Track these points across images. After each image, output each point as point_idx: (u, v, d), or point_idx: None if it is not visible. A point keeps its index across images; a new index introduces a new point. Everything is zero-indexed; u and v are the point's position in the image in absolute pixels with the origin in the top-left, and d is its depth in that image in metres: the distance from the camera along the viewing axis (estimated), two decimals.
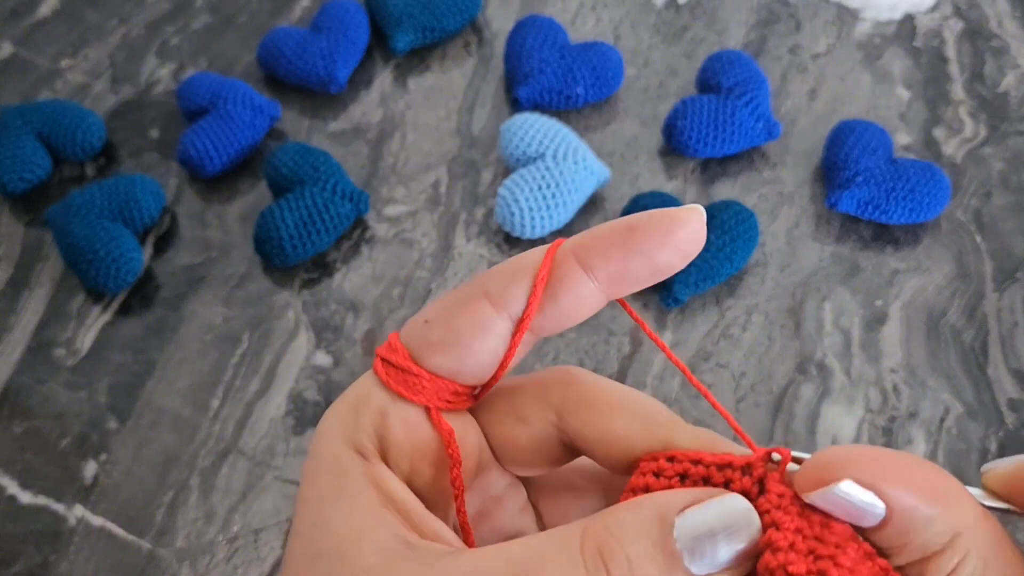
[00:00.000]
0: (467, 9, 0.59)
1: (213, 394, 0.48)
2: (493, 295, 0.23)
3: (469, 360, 0.23)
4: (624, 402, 0.24)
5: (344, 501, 0.22)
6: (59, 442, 0.47)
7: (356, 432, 0.23)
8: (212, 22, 0.62)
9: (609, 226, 0.23)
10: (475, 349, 0.23)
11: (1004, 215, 0.54)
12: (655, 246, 0.22)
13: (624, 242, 0.22)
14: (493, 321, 0.23)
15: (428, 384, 0.23)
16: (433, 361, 0.23)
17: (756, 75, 0.55)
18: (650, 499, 0.21)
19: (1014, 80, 0.59)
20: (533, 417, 0.25)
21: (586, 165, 0.52)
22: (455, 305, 0.23)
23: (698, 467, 0.22)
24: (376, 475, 0.22)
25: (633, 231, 0.22)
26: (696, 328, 0.50)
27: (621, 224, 0.23)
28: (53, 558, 0.44)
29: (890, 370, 0.49)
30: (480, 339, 0.23)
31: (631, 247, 0.22)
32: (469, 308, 0.23)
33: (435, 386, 0.23)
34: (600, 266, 0.23)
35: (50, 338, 0.50)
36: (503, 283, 0.23)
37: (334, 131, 0.57)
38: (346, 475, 0.22)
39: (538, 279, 0.23)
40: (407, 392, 0.23)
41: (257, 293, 0.51)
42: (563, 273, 0.23)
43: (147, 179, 0.53)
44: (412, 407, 0.23)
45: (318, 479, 0.22)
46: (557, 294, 0.23)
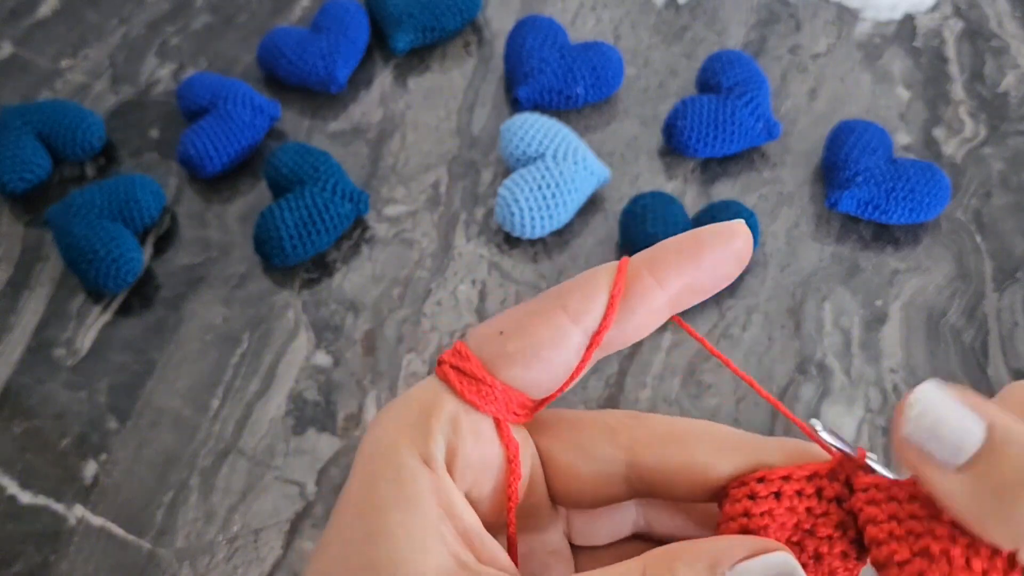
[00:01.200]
0: (467, 9, 0.59)
1: (213, 394, 0.48)
2: (570, 308, 0.23)
3: (545, 372, 0.23)
4: (700, 432, 0.24)
5: (405, 513, 0.21)
6: (59, 442, 0.47)
7: (426, 439, 0.22)
8: (212, 22, 0.62)
9: (676, 242, 0.24)
10: (552, 361, 0.23)
11: (1004, 215, 0.54)
12: (722, 257, 0.23)
13: (695, 255, 0.23)
14: (570, 334, 0.23)
15: (500, 395, 0.23)
16: (510, 372, 0.23)
17: (756, 75, 0.55)
18: (702, 549, 0.21)
19: (1014, 80, 0.59)
20: (598, 452, 0.25)
21: (586, 165, 0.52)
22: (532, 317, 0.23)
23: (789, 483, 0.22)
24: (441, 488, 0.22)
25: (701, 245, 0.23)
26: (696, 328, 0.50)
27: (687, 239, 0.24)
28: (53, 558, 0.44)
29: (890, 370, 0.49)
30: (557, 351, 0.23)
31: (702, 259, 0.23)
32: (547, 320, 0.23)
33: (506, 397, 0.23)
34: (673, 279, 0.23)
35: (50, 338, 0.50)
36: (580, 296, 0.23)
37: (334, 131, 0.57)
38: (411, 485, 0.22)
39: (613, 295, 0.23)
40: (480, 402, 0.23)
41: (257, 293, 0.51)
42: (638, 287, 0.23)
43: (147, 179, 0.53)
44: (482, 417, 0.23)
45: (377, 484, 0.22)
46: (633, 307, 0.23)
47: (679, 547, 0.21)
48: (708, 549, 0.21)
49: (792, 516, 0.22)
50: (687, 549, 0.21)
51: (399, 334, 0.50)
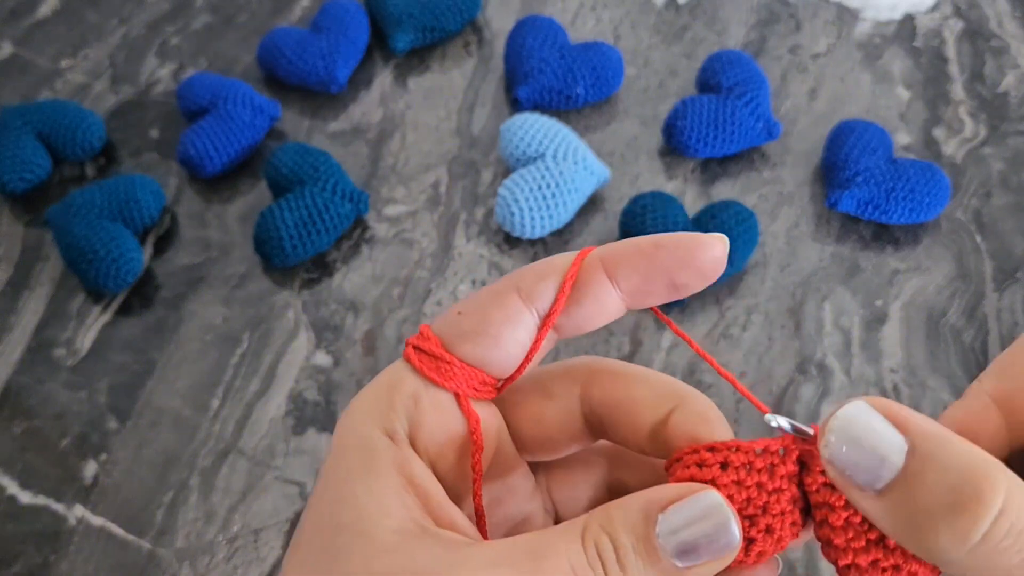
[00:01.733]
0: (467, 9, 0.59)
1: (213, 394, 0.48)
2: (523, 290, 0.24)
3: (498, 349, 0.24)
4: (645, 373, 0.26)
5: (369, 479, 0.23)
6: (59, 442, 0.47)
7: (388, 414, 0.24)
8: (212, 22, 0.62)
9: (637, 241, 0.24)
10: (504, 339, 0.24)
11: (1004, 215, 0.54)
12: (678, 265, 0.24)
13: (650, 258, 0.24)
14: (522, 314, 0.24)
15: (459, 371, 0.24)
16: (465, 348, 0.24)
17: (756, 75, 0.55)
18: (638, 496, 0.22)
19: (1014, 80, 0.59)
20: (558, 390, 0.26)
21: (586, 165, 0.52)
22: (487, 297, 0.24)
23: (738, 454, 0.23)
24: (402, 459, 0.23)
25: (659, 248, 0.24)
26: (696, 328, 0.50)
27: (648, 240, 0.24)
28: (53, 558, 0.44)
29: (890, 370, 0.49)
30: (509, 329, 0.24)
31: (656, 263, 0.24)
32: (501, 300, 0.24)
33: (465, 374, 0.24)
34: (625, 277, 0.24)
35: (50, 338, 0.50)
36: (533, 280, 0.24)
37: (334, 131, 0.57)
38: (373, 455, 0.23)
39: (566, 279, 0.24)
40: (439, 378, 0.24)
41: (257, 293, 0.51)
42: (590, 278, 0.24)
43: (147, 179, 0.53)
44: (443, 393, 0.24)
45: (345, 456, 0.23)
46: (582, 298, 0.24)
47: (616, 500, 0.22)
48: (640, 496, 0.22)
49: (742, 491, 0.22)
50: (623, 500, 0.22)
51: (399, 334, 0.50)
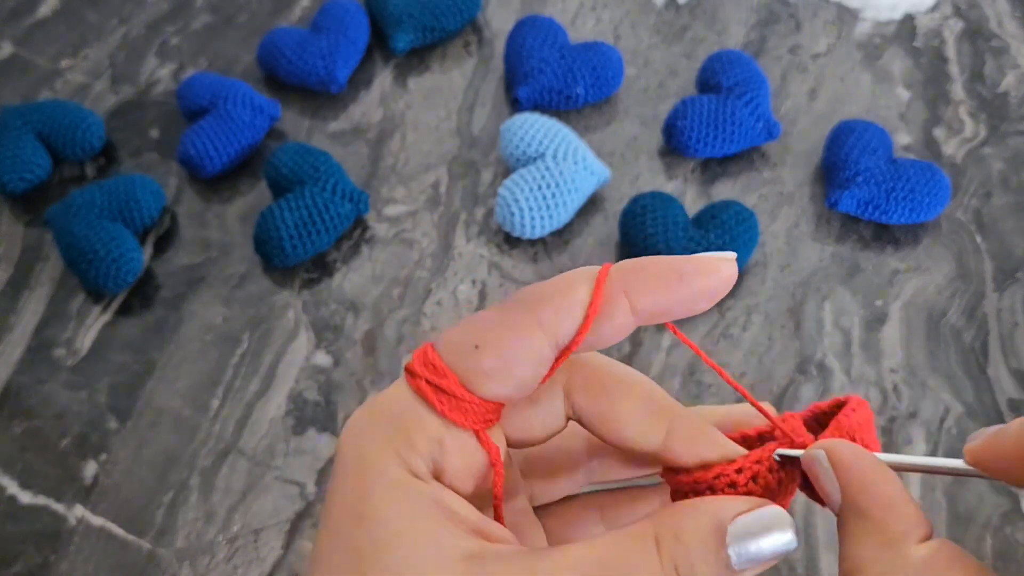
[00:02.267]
0: (467, 9, 0.59)
1: (213, 394, 0.48)
2: (545, 324, 0.24)
3: (518, 386, 0.24)
4: (629, 384, 0.26)
5: (416, 523, 0.22)
6: (59, 442, 0.47)
7: (411, 455, 0.23)
8: (212, 22, 0.62)
9: (656, 267, 0.24)
10: (526, 375, 0.24)
11: (1004, 215, 0.54)
12: (698, 293, 0.24)
13: (672, 287, 0.24)
14: (544, 348, 0.24)
15: (478, 408, 0.24)
16: (487, 389, 0.24)
17: (756, 75, 0.55)
18: (708, 508, 0.23)
19: (1014, 80, 0.59)
20: (543, 396, 0.26)
21: (586, 165, 0.52)
22: (507, 331, 0.24)
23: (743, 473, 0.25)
24: (437, 496, 0.23)
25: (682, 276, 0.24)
26: (696, 328, 0.50)
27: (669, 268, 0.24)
28: (53, 558, 0.44)
29: (890, 370, 0.49)
30: (533, 366, 0.24)
31: (677, 292, 0.24)
32: (522, 335, 0.24)
33: (483, 409, 0.24)
34: (644, 303, 0.24)
35: (50, 338, 0.50)
36: (555, 311, 0.24)
37: (334, 131, 0.57)
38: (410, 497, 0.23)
39: (590, 312, 0.24)
40: (461, 419, 0.24)
41: (257, 293, 0.51)
42: (611, 307, 0.24)
43: (147, 179, 0.53)
44: (464, 432, 0.24)
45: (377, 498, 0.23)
46: (602, 324, 0.24)
47: (682, 507, 0.23)
48: (711, 507, 0.23)
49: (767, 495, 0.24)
50: (692, 509, 0.23)
51: (399, 334, 0.50)
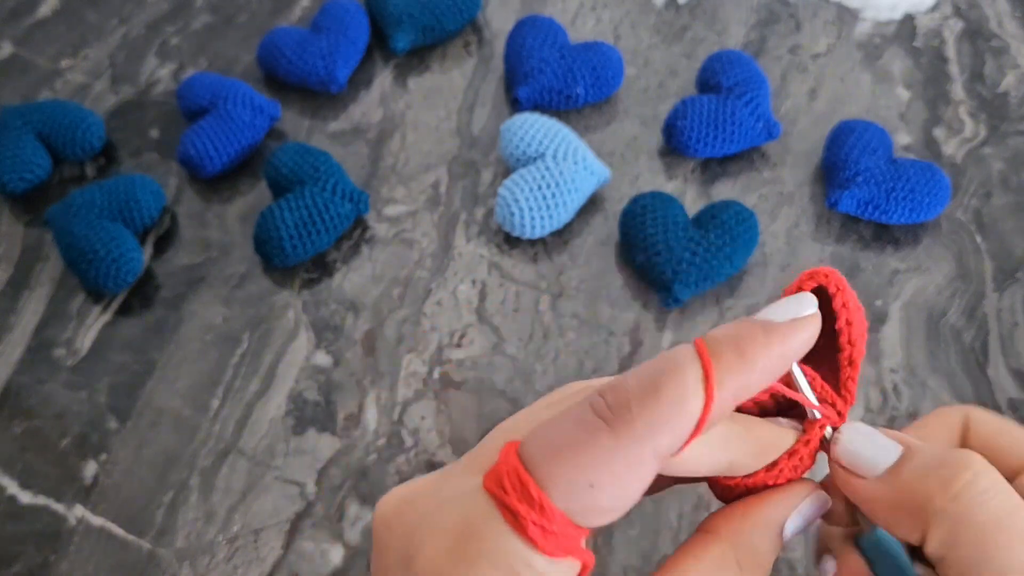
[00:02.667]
0: (467, 9, 0.59)
1: (213, 394, 0.48)
2: (660, 450, 0.21)
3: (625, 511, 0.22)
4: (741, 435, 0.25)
5: None
6: (59, 442, 0.47)
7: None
8: (212, 22, 0.62)
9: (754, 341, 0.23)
10: (637, 498, 0.22)
11: (1004, 215, 0.54)
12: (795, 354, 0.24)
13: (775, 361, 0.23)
14: (653, 472, 0.22)
15: (579, 535, 0.22)
16: (599, 521, 0.22)
17: (756, 75, 0.55)
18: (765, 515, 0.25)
19: (1014, 80, 0.59)
20: None
21: (586, 165, 0.52)
22: (622, 468, 0.21)
23: None
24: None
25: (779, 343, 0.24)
26: (696, 328, 0.50)
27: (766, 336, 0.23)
28: (53, 558, 0.44)
29: (890, 370, 0.49)
30: (643, 489, 0.22)
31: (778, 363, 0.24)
32: (640, 474, 0.21)
33: (581, 534, 0.22)
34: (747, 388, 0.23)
35: (50, 338, 0.50)
36: (670, 435, 0.21)
37: (334, 131, 0.57)
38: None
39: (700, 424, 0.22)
40: (566, 552, 0.22)
41: (257, 293, 0.51)
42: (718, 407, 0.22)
43: (147, 179, 0.53)
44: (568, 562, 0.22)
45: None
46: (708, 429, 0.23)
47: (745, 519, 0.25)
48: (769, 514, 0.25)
49: None
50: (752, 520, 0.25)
51: (399, 334, 0.50)
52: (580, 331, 0.50)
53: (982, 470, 0.23)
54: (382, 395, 0.48)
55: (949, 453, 0.24)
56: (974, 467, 0.23)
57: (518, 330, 0.50)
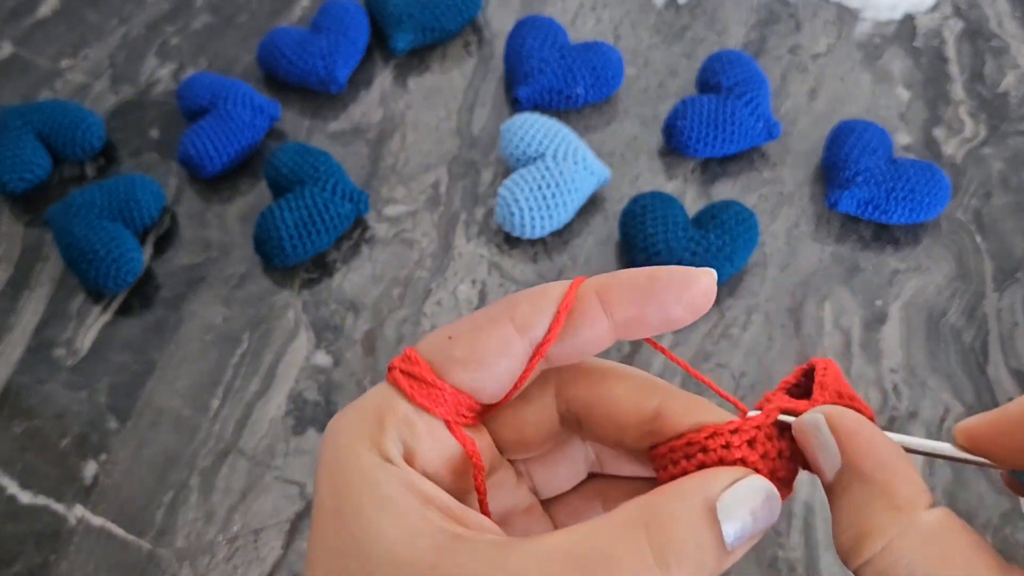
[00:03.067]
0: (467, 9, 0.59)
1: (213, 394, 0.48)
2: (518, 319, 0.24)
3: (490, 378, 0.24)
4: (619, 370, 0.26)
5: (386, 508, 0.22)
6: (59, 442, 0.47)
7: (381, 438, 0.23)
8: (212, 22, 0.62)
9: (631, 273, 0.24)
10: (497, 367, 0.24)
11: (1004, 215, 0.54)
12: (672, 300, 0.24)
13: (644, 291, 0.24)
14: (514, 343, 0.24)
15: (449, 397, 0.24)
16: (457, 376, 0.24)
17: (756, 75, 0.55)
18: (693, 488, 0.22)
19: (1014, 80, 0.59)
20: (533, 393, 0.26)
21: (586, 165, 0.52)
22: (481, 323, 0.24)
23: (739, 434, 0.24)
24: (409, 479, 0.23)
25: (654, 282, 0.24)
26: (696, 328, 0.50)
27: (643, 274, 0.24)
28: (53, 558, 0.44)
29: (890, 370, 0.49)
30: (502, 359, 0.24)
31: (650, 297, 0.24)
32: (494, 329, 0.24)
33: (455, 400, 0.24)
34: (619, 309, 0.24)
35: (50, 338, 0.50)
36: (529, 309, 0.24)
37: (334, 131, 0.57)
38: (381, 482, 0.22)
39: (561, 309, 0.24)
40: (430, 404, 0.24)
41: (257, 293, 0.51)
42: (584, 308, 0.24)
43: (147, 179, 0.53)
44: (435, 419, 0.24)
45: (351, 490, 0.22)
46: (577, 327, 0.24)
47: (667, 489, 0.22)
48: (697, 485, 0.22)
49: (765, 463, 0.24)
50: (676, 489, 0.22)
51: (399, 334, 0.50)
52: None
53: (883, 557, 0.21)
54: None
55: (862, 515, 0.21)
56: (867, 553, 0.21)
57: None
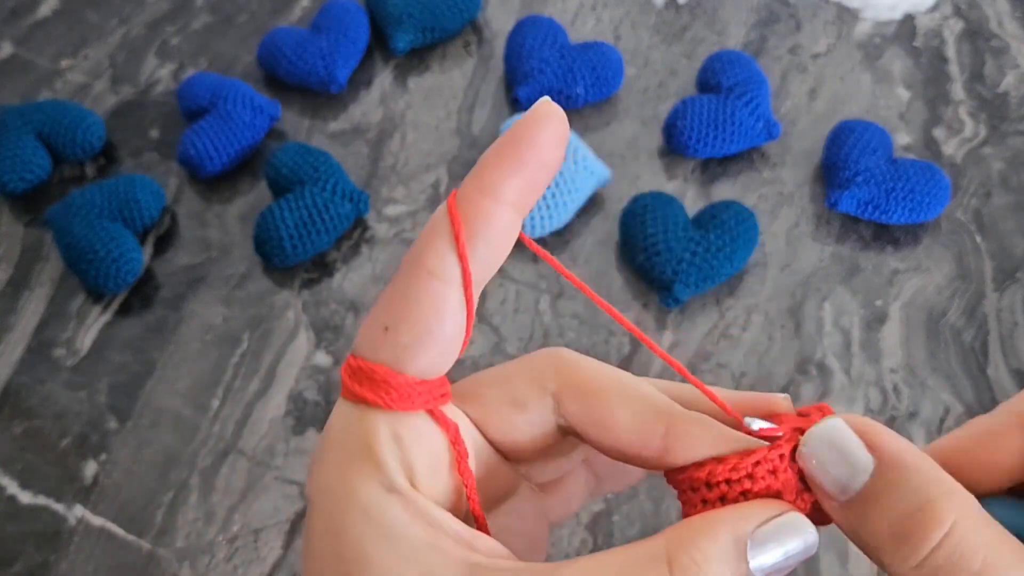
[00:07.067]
0: (467, 9, 0.59)
1: (213, 394, 0.48)
2: (434, 269, 0.22)
3: (443, 343, 0.23)
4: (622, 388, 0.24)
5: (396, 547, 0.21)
6: (59, 442, 0.47)
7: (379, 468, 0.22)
8: (212, 22, 0.62)
9: (495, 150, 0.23)
10: (445, 330, 0.22)
11: (1004, 215, 0.54)
12: (544, 147, 0.22)
13: (518, 156, 0.22)
14: (446, 295, 0.22)
15: (419, 388, 0.23)
16: (417, 365, 0.22)
17: (756, 75, 0.55)
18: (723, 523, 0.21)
19: (1014, 80, 0.59)
20: (530, 402, 0.25)
21: (586, 165, 0.52)
22: (405, 298, 0.22)
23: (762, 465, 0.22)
24: (417, 508, 0.21)
25: (519, 143, 0.22)
26: (696, 328, 0.50)
27: (506, 143, 0.23)
28: (53, 558, 0.44)
29: (890, 370, 0.49)
30: (446, 318, 0.22)
31: (526, 159, 0.22)
32: (420, 294, 0.22)
33: (425, 387, 0.23)
34: (506, 190, 0.22)
35: (50, 338, 0.50)
36: (433, 252, 0.22)
37: (334, 131, 0.57)
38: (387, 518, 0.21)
39: (455, 231, 0.22)
40: (408, 405, 0.22)
41: (257, 293, 0.51)
42: (478, 212, 0.22)
43: (147, 179, 0.53)
44: (415, 418, 0.23)
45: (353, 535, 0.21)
46: (485, 235, 0.22)
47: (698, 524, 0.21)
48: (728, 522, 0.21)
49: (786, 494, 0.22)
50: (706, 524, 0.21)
51: None
52: (580, 331, 0.50)
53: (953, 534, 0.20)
54: None
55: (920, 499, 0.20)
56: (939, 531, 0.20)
57: (518, 330, 0.50)
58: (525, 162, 0.22)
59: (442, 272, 0.22)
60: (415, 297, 0.22)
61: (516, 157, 0.22)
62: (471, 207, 0.22)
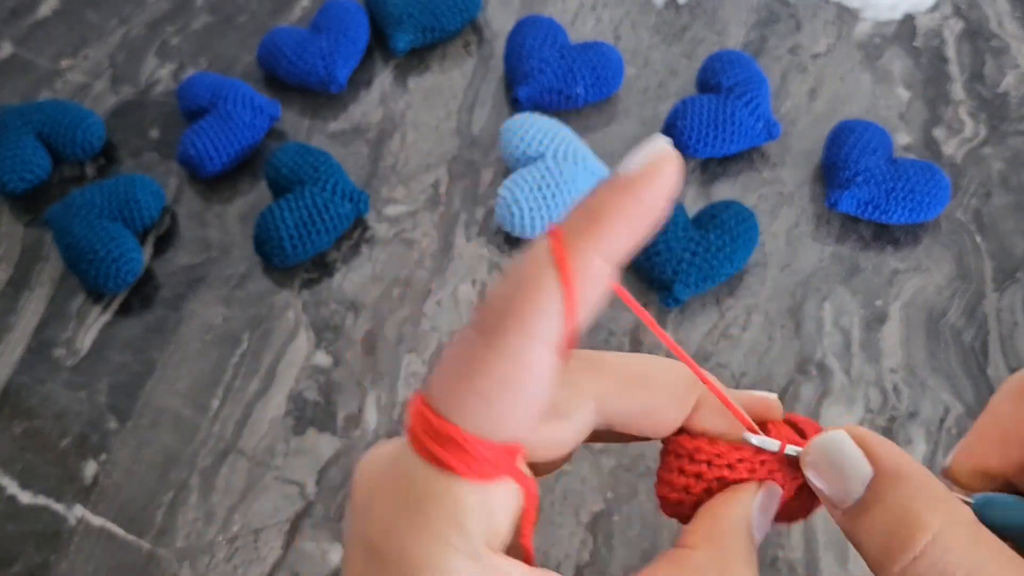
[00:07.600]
0: (467, 9, 0.59)
1: (213, 394, 0.48)
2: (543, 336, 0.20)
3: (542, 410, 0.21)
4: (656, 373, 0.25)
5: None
6: (59, 442, 0.47)
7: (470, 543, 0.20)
8: (212, 22, 0.62)
9: (611, 202, 0.21)
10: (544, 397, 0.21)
11: (1004, 215, 0.54)
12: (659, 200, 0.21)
13: (631, 214, 0.21)
14: (546, 360, 0.20)
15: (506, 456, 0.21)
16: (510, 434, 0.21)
17: (756, 75, 0.55)
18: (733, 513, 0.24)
19: (1014, 80, 0.59)
20: (573, 411, 0.24)
21: (586, 165, 0.52)
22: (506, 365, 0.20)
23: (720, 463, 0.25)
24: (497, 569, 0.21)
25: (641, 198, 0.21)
26: (696, 328, 0.50)
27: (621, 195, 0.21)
28: (53, 558, 0.44)
29: (890, 370, 0.49)
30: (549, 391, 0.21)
31: (643, 218, 0.21)
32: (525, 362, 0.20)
33: (511, 451, 0.21)
34: (619, 249, 0.21)
35: (50, 338, 0.50)
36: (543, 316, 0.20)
37: (334, 131, 0.57)
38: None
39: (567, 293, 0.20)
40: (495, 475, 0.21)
41: (257, 293, 0.51)
42: (589, 273, 0.21)
43: (147, 179, 0.53)
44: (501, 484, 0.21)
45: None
46: (591, 299, 0.21)
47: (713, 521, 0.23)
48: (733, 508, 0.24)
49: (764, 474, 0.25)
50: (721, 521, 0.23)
51: (399, 334, 0.50)
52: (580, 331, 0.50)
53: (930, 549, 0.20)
54: (382, 395, 0.48)
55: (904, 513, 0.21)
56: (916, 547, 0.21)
57: None
58: (646, 220, 0.21)
59: (550, 340, 0.20)
60: (519, 365, 0.20)
61: (638, 218, 0.21)
62: (583, 264, 0.21)
